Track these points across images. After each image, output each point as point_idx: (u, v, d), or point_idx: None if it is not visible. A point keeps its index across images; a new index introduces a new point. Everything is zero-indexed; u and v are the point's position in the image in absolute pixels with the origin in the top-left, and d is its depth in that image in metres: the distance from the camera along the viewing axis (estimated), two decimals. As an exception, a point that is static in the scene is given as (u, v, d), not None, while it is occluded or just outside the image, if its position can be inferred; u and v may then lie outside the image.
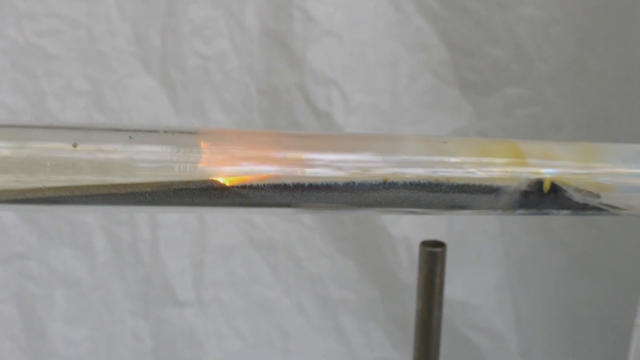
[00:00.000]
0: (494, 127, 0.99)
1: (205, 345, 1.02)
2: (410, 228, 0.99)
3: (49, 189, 0.32)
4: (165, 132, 0.34)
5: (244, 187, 0.35)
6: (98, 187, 0.33)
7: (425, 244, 0.55)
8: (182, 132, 0.35)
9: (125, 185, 0.33)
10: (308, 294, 1.03)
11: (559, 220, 1.02)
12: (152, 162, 0.34)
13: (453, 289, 0.99)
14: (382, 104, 0.98)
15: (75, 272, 0.98)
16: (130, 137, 0.33)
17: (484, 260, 1.02)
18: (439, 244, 0.55)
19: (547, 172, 0.38)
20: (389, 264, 1.01)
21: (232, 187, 0.34)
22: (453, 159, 0.37)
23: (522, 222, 1.02)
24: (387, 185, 0.36)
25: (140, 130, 0.34)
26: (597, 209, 0.40)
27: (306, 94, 0.97)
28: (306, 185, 0.35)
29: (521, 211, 0.39)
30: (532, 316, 1.04)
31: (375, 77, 0.98)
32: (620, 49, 0.96)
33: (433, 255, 0.54)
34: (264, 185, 0.35)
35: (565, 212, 0.39)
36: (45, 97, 0.94)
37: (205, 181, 0.34)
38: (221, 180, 0.34)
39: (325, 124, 0.97)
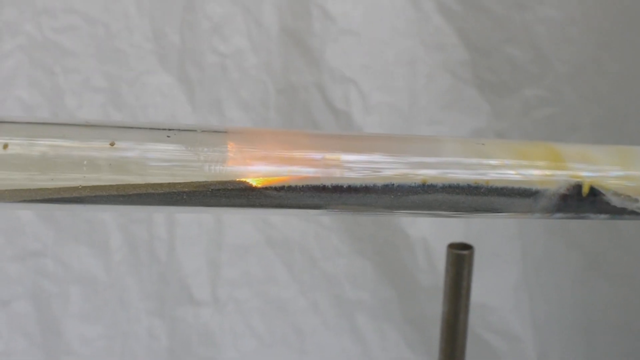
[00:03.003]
0: (511, 128, 0.99)
1: (220, 344, 1.01)
2: (427, 229, 0.99)
3: (86, 188, 0.32)
4: (203, 131, 0.34)
5: (282, 188, 0.34)
6: (134, 186, 0.33)
7: (453, 246, 0.55)
8: (219, 132, 0.34)
9: (161, 185, 0.33)
10: (324, 293, 1.02)
11: (575, 223, 1.01)
12: (184, 162, 0.33)
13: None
14: (400, 104, 0.98)
15: (91, 270, 0.98)
16: (168, 136, 0.33)
17: (501, 262, 1.02)
18: (467, 247, 0.55)
19: (586, 175, 0.38)
20: (406, 264, 1.00)
21: (269, 187, 0.34)
22: (492, 162, 0.37)
23: (539, 224, 1.02)
24: (425, 188, 0.36)
25: (177, 129, 0.34)
26: (635, 214, 0.39)
27: (324, 92, 0.96)
28: (344, 186, 0.35)
29: (559, 215, 0.39)
30: (549, 318, 1.04)
31: (394, 77, 0.98)
32: (638, 50, 0.95)
33: (460, 257, 0.54)
34: (303, 186, 0.34)
35: (603, 216, 0.39)
36: (62, 93, 0.94)
37: (244, 182, 0.34)
38: (256, 181, 0.34)
39: (343, 123, 0.96)
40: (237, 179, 0.34)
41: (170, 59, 0.96)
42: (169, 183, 0.33)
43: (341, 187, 0.35)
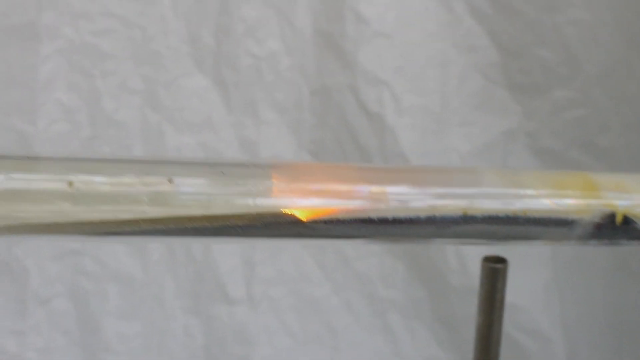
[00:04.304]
0: (542, 129, 1.00)
1: (255, 341, 1.03)
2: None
3: (146, 221, 0.34)
4: (254, 166, 0.36)
5: (330, 221, 0.36)
6: (191, 219, 0.34)
7: (488, 259, 0.56)
8: (269, 166, 0.36)
9: (216, 218, 0.34)
10: (356, 292, 1.04)
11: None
12: (238, 196, 0.35)
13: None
14: (432, 105, 0.99)
15: (128, 269, 1.00)
16: (223, 172, 0.35)
17: (532, 263, 1.02)
18: (501, 260, 0.56)
19: (620, 204, 0.39)
20: (437, 264, 1.01)
21: (318, 221, 0.36)
22: (529, 192, 0.38)
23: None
24: (466, 219, 0.37)
25: (230, 165, 0.35)
26: (667, 240, 0.40)
27: (357, 94, 0.97)
28: (390, 218, 0.36)
29: (594, 242, 0.40)
30: (579, 318, 1.04)
31: (426, 79, 0.99)
32: (669, 52, 0.96)
33: (495, 271, 0.55)
34: (350, 219, 0.36)
35: (636, 243, 0.40)
36: (100, 96, 0.96)
37: (294, 216, 0.35)
38: (305, 215, 0.36)
39: (376, 125, 0.97)
40: (288, 213, 0.35)
41: (206, 61, 0.98)
42: (224, 216, 0.34)
43: (387, 219, 0.36)
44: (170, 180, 0.34)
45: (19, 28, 0.93)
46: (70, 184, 0.33)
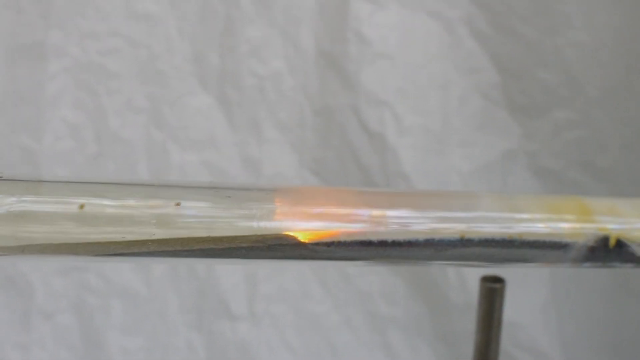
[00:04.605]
0: (542, 150, 1.01)
1: (256, 357, 1.03)
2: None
3: (154, 242, 0.35)
4: (259, 190, 0.37)
5: (331, 243, 0.37)
6: (197, 241, 0.35)
7: (486, 279, 0.57)
8: (272, 190, 0.37)
9: (222, 240, 0.36)
10: (357, 309, 1.04)
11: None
12: (242, 219, 0.36)
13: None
14: (433, 126, 1.00)
15: (132, 285, 1.01)
16: (229, 197, 0.36)
17: (530, 281, 1.03)
18: (499, 280, 0.57)
19: (613, 228, 0.40)
20: (438, 281, 1.02)
21: (320, 243, 0.37)
22: (525, 216, 0.40)
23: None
24: (464, 242, 0.38)
25: (235, 189, 0.36)
26: (660, 263, 0.41)
27: (359, 114, 0.98)
28: (389, 241, 0.38)
29: (588, 264, 0.41)
30: (578, 336, 1.05)
31: (427, 99, 0.99)
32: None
33: (493, 291, 0.56)
34: (351, 241, 0.37)
35: (629, 265, 0.41)
36: (105, 113, 0.97)
37: (296, 238, 0.36)
38: (308, 237, 0.37)
39: (377, 145, 0.98)
40: (290, 235, 0.36)
41: (210, 80, 0.98)
42: (229, 238, 0.36)
43: (386, 242, 0.38)
44: (177, 204, 0.35)
45: (26, 47, 0.95)
46: (81, 206, 0.34)
